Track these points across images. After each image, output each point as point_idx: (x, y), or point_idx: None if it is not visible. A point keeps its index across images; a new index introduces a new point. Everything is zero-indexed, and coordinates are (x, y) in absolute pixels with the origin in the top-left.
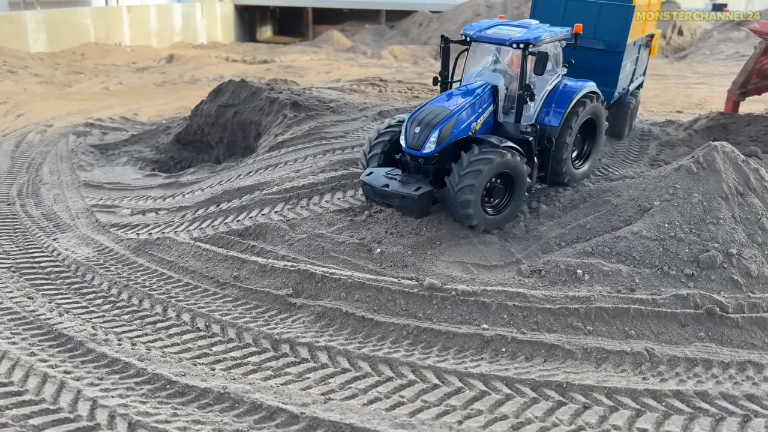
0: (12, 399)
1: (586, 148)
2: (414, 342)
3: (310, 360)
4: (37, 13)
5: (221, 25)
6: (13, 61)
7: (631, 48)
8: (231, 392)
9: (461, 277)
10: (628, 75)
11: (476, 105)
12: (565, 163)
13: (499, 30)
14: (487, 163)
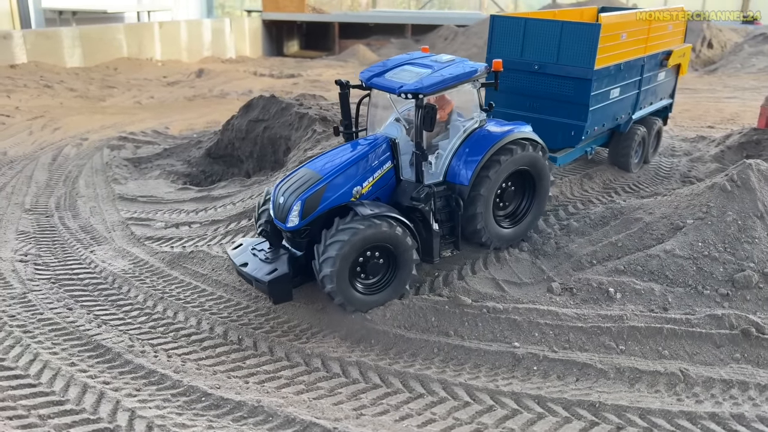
0: (54, 408)
1: (523, 205)
2: (445, 359)
3: (342, 375)
4: (73, 29)
5: (249, 40)
6: (49, 76)
7: (619, 72)
8: (265, 406)
9: (492, 294)
10: (625, 102)
11: (364, 164)
12: (478, 220)
13: (396, 74)
14: (353, 234)
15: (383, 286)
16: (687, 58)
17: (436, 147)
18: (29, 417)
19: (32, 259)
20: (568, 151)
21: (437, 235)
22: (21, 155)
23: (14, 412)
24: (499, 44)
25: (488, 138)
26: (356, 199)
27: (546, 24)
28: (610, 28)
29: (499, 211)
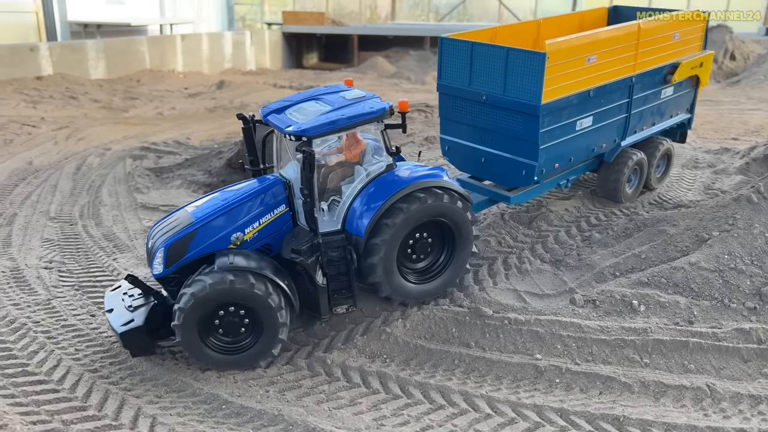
0: (77, 414)
1: (441, 260)
2: (466, 370)
3: (362, 385)
4: (98, 42)
5: (269, 52)
6: (74, 87)
7: (587, 100)
8: (285, 415)
9: (513, 305)
10: (605, 130)
11: (249, 207)
12: (376, 272)
13: (294, 111)
14: (200, 289)
15: (245, 347)
16: (707, 68)
17: (337, 192)
18: (52, 422)
19: (56, 266)
20: (528, 188)
21: (323, 290)
22: (46, 164)
23: (38, 417)
24: (448, 70)
25: (392, 184)
26: (236, 246)
27: (492, 50)
28: (561, 55)
29: (411, 263)
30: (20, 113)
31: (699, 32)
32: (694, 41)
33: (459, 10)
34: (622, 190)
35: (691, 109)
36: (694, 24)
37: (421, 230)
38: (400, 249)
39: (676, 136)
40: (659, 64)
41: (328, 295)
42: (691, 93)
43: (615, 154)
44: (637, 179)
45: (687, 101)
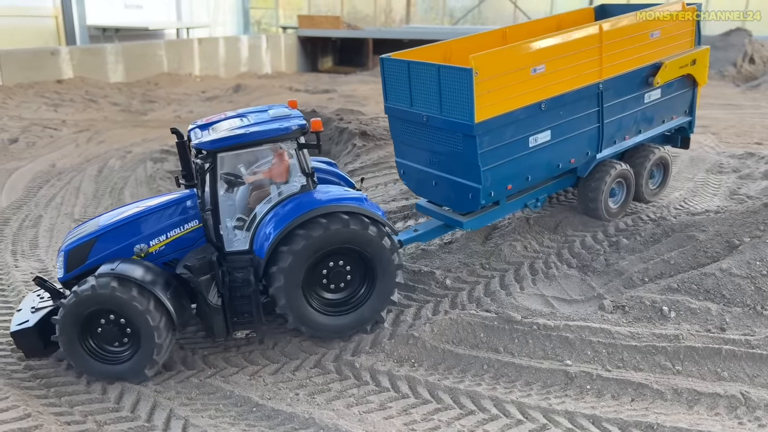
0: (110, 415)
1: (362, 292)
2: (495, 375)
3: (391, 389)
4: (116, 46)
5: (285, 56)
6: (94, 91)
7: (538, 114)
8: (316, 418)
9: (541, 310)
10: (572, 144)
11: (158, 220)
12: (278, 301)
13: (212, 128)
14: (84, 290)
15: (121, 360)
16: (703, 66)
17: (248, 211)
18: (86, 423)
19: None
20: (485, 212)
21: (216, 311)
22: (69, 167)
23: (72, 417)
24: (391, 92)
25: (297, 207)
26: (139, 257)
27: (425, 68)
28: (493, 68)
29: (326, 293)
30: (42, 116)
31: (688, 27)
32: (681, 38)
33: (474, 14)
34: (604, 206)
35: (690, 111)
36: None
37: (336, 258)
38: (314, 278)
39: (676, 141)
40: (635, 66)
41: (225, 317)
42: (687, 94)
43: (590, 168)
44: (623, 193)
45: (683, 103)
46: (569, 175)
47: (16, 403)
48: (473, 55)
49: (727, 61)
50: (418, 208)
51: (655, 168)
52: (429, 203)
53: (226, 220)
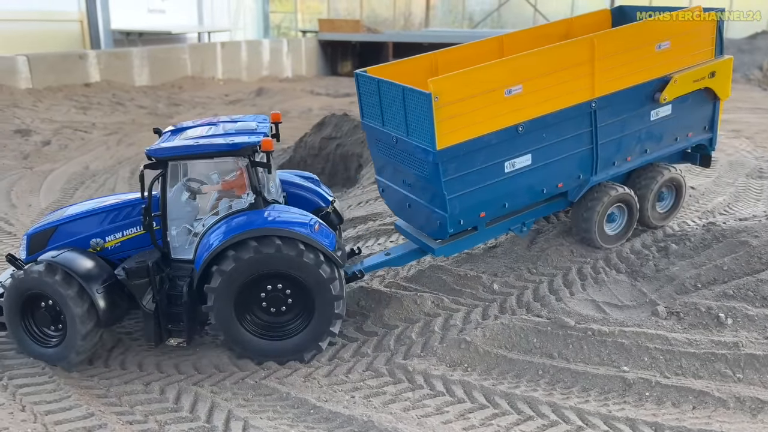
0: (170, 415)
1: (302, 318)
2: (551, 381)
3: (446, 394)
4: (142, 50)
5: (305, 60)
6: (120, 94)
7: (515, 137)
8: (375, 421)
9: (593, 316)
10: (557, 167)
11: (115, 217)
12: (210, 319)
13: (181, 133)
14: (21, 273)
15: (52, 344)
16: (724, 78)
17: (189, 219)
18: (147, 422)
19: None
20: (460, 237)
21: (147, 316)
22: (101, 169)
23: (133, 417)
24: (367, 109)
25: (234, 228)
26: (95, 251)
27: (392, 88)
28: (457, 91)
29: (265, 316)
30: (72, 119)
31: (706, 36)
32: (697, 47)
33: (493, 17)
34: (598, 233)
35: (710, 127)
36: (696, 27)
37: (276, 281)
38: (251, 299)
39: (695, 159)
40: (638, 81)
41: (159, 323)
42: (706, 109)
43: (582, 192)
44: (624, 218)
45: (702, 119)
46: (561, 198)
47: (78, 402)
48: (432, 78)
49: (753, 64)
50: (397, 228)
51: (665, 189)
52: (407, 224)
53: (172, 227)
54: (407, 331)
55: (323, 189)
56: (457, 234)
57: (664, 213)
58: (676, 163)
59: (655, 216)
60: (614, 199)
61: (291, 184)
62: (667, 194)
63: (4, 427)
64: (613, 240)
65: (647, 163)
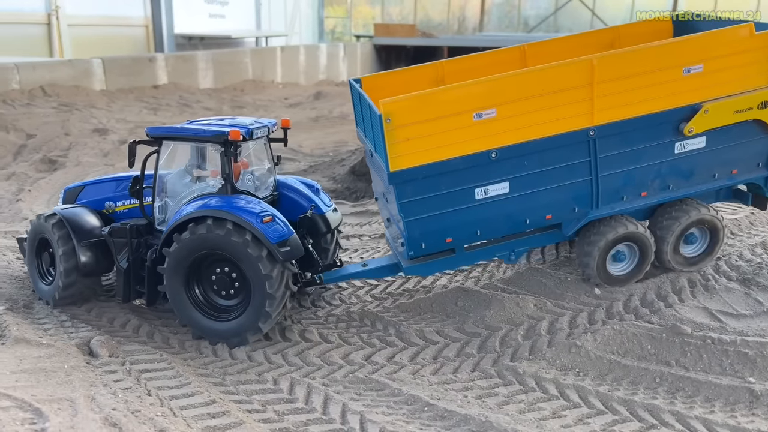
0: (286, 406)
1: (244, 299)
2: (670, 389)
3: (560, 398)
4: (206, 53)
5: (360, 64)
6: (187, 96)
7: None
8: (493, 422)
9: (708, 324)
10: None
11: (126, 186)
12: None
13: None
14: (30, 225)
15: (49, 282)
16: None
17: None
18: (266, 412)
19: None
20: (433, 259)
21: (120, 273)
22: None
23: (251, 406)
24: (357, 116)
25: (187, 210)
26: (107, 213)
27: (366, 103)
28: (414, 114)
29: (216, 298)
30: (143, 119)
31: (759, 58)
32: (744, 72)
33: (549, 22)
34: (599, 270)
35: (767, 164)
36: (744, 48)
37: (223, 264)
38: (204, 281)
39: (746, 199)
40: (654, 109)
41: (129, 282)
42: (758, 143)
43: (578, 226)
44: (635, 259)
45: (752, 156)
46: (558, 230)
47: (198, 389)
48: (383, 100)
49: None
50: (387, 238)
51: (697, 231)
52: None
53: (158, 199)
54: (512, 333)
55: (320, 197)
56: (432, 255)
57: (693, 258)
58: (724, 200)
59: (678, 261)
60: (621, 236)
61: (286, 186)
62: (698, 237)
63: (137, 410)
64: (617, 282)
65: (675, 200)
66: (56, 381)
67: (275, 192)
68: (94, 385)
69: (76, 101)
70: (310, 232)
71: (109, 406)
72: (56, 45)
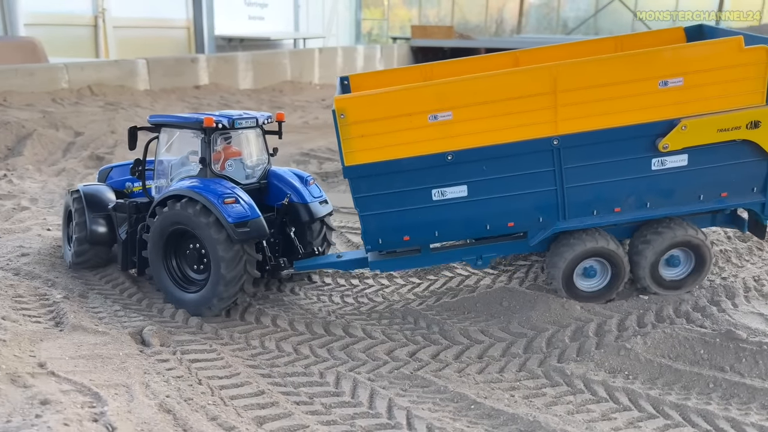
0: (333, 399)
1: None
2: (724, 396)
3: (609, 400)
4: (246, 55)
5: (397, 66)
6: (227, 96)
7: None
8: (542, 422)
9: (764, 330)
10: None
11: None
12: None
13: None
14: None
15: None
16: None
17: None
18: (314, 404)
19: None
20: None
21: (119, 243)
22: None
23: (298, 398)
24: None
25: (171, 188)
26: (127, 192)
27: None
28: (368, 112)
29: (189, 271)
30: None
31: (750, 74)
32: (735, 89)
33: (589, 24)
34: (564, 284)
35: (764, 189)
36: (732, 62)
37: (195, 240)
38: (180, 254)
39: (741, 225)
40: (625, 122)
41: (127, 252)
42: (751, 166)
43: (542, 237)
44: (606, 278)
45: (745, 179)
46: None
47: (248, 380)
48: (338, 96)
49: None
50: None
51: (681, 254)
52: None
53: (155, 181)
54: (559, 335)
55: (308, 188)
56: (399, 252)
57: (676, 282)
58: (721, 225)
59: (661, 283)
60: (590, 251)
61: (276, 176)
62: (682, 260)
63: (189, 398)
64: (585, 298)
65: (656, 218)
66: (112, 367)
67: (263, 180)
68: (148, 373)
69: (121, 100)
70: (293, 220)
71: (163, 393)
72: (102, 46)
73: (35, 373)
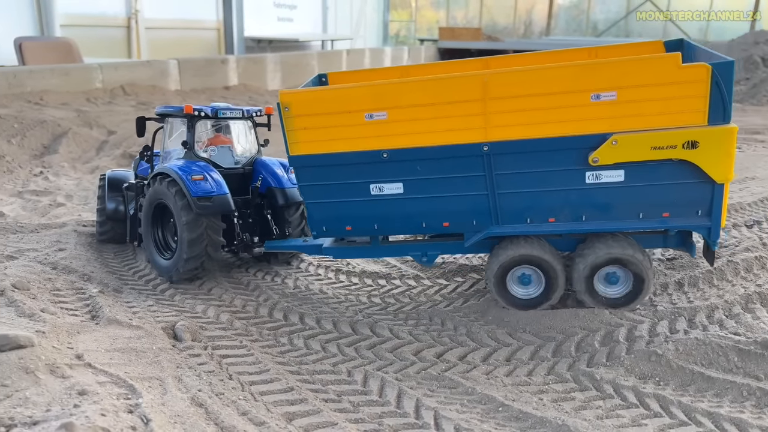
0: (361, 397)
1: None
2: (758, 404)
3: (640, 406)
4: (275, 56)
5: None
6: (256, 97)
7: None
8: (570, 426)
9: None
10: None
11: (162, 159)
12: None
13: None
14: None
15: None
16: (714, 152)
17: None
18: (341, 402)
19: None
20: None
21: (127, 218)
22: None
23: (327, 395)
24: None
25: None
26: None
27: None
28: (309, 107)
29: (172, 241)
30: None
31: (691, 92)
32: (674, 106)
33: (620, 26)
34: (496, 288)
35: (708, 213)
36: (670, 79)
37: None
38: (166, 225)
39: (692, 249)
40: (554, 134)
41: (134, 226)
42: (695, 188)
43: (475, 240)
44: (540, 287)
45: (688, 201)
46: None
47: (277, 376)
48: (283, 90)
49: None
50: None
51: (620, 271)
52: None
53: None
54: (588, 339)
55: (289, 176)
56: (352, 241)
57: (612, 300)
58: (673, 246)
59: (597, 299)
60: (519, 257)
61: (262, 164)
62: (620, 277)
63: (220, 392)
64: (518, 305)
65: (592, 232)
66: (146, 361)
67: (248, 167)
68: (180, 367)
69: (152, 100)
70: (270, 204)
71: (195, 387)
72: (134, 47)
73: (73, 364)
